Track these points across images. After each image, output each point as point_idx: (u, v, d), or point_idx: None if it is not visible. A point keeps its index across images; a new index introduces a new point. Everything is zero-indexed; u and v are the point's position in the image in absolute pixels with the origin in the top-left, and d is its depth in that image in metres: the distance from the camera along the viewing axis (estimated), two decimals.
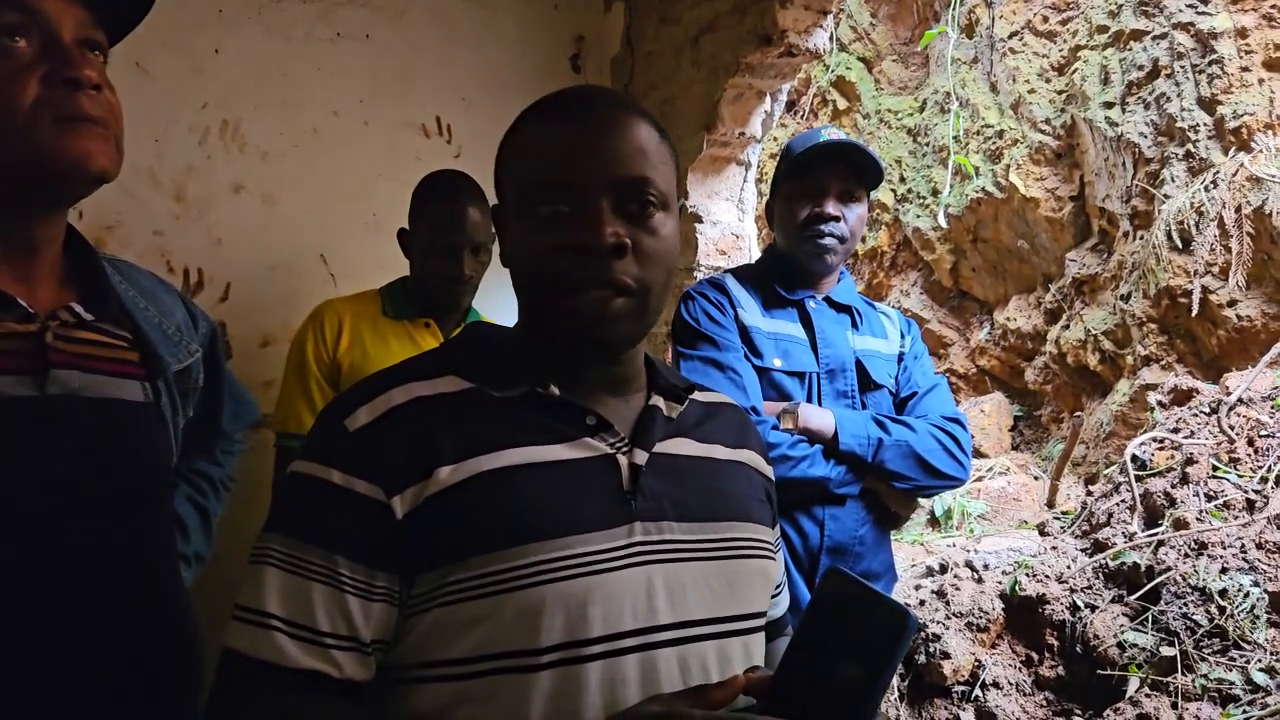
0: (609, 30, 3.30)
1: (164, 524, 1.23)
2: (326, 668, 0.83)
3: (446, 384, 0.93)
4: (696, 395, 1.07)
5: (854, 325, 1.98)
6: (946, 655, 2.52)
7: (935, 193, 4.45)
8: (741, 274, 2.06)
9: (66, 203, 1.12)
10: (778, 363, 1.89)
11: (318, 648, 0.84)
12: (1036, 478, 3.82)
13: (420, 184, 2.19)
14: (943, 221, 3.81)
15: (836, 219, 1.87)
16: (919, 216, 4.70)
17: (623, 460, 0.93)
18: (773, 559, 1.04)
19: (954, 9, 3.55)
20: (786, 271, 1.97)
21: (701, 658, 0.90)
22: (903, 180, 4.82)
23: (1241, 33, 3.37)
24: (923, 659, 2.57)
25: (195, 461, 1.49)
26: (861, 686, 0.75)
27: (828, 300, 1.98)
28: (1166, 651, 2.17)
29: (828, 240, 1.89)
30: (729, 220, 3.05)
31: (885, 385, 1.95)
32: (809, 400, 1.90)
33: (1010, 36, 4.23)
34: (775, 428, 1.82)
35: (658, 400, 1.00)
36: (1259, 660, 2.04)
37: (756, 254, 3.01)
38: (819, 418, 1.84)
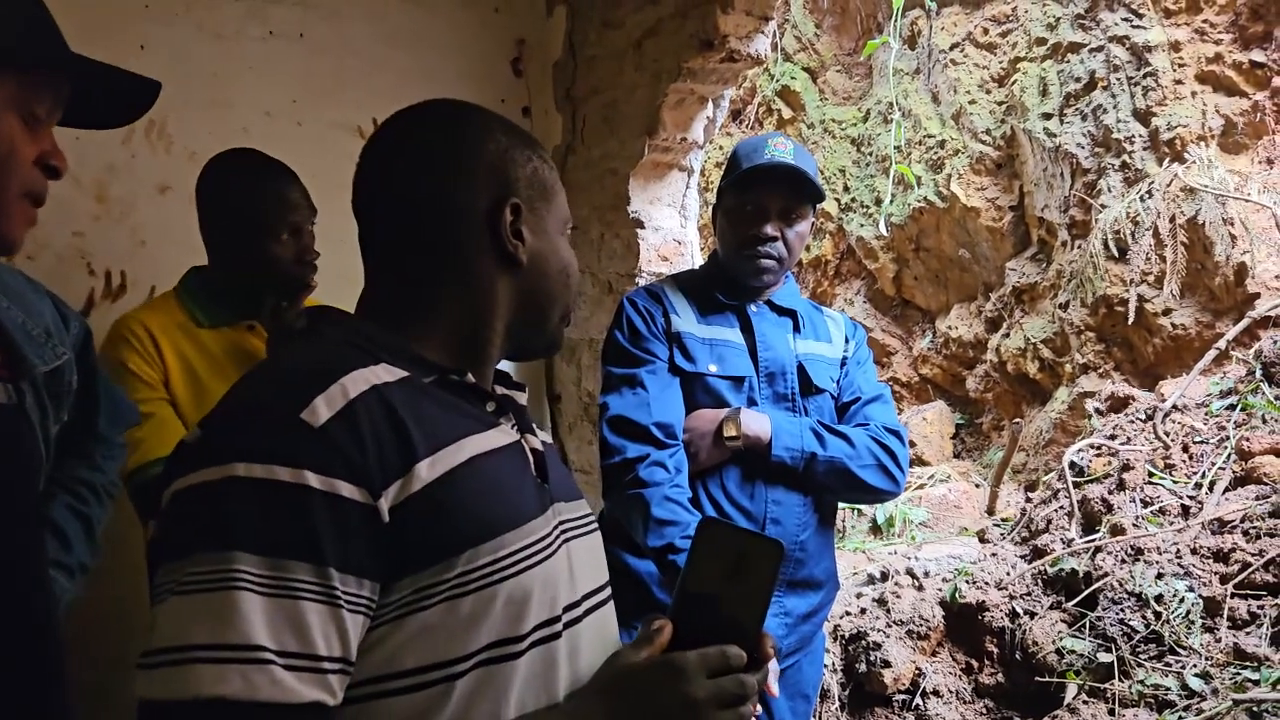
0: (551, 34, 3.26)
1: (34, 529, 1.17)
2: (326, 696, 0.76)
3: (385, 372, 0.87)
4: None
5: (796, 329, 1.97)
6: (887, 664, 2.51)
7: (879, 202, 4.48)
8: (681, 280, 2.05)
9: None
10: (713, 368, 1.88)
11: (318, 675, 0.76)
12: (978, 485, 3.84)
13: (224, 164, 1.96)
14: (884, 230, 3.82)
15: (775, 239, 1.87)
16: (862, 226, 4.72)
17: (525, 445, 0.98)
18: None
19: (896, 20, 3.57)
20: (728, 280, 1.96)
21: (604, 624, 0.99)
22: (846, 190, 4.84)
23: (1175, 46, 3.43)
24: (863, 668, 2.55)
25: (75, 469, 1.43)
26: (749, 615, 0.88)
27: (769, 304, 1.97)
28: (1104, 658, 2.18)
29: (765, 262, 1.89)
30: (671, 226, 3.02)
31: (827, 389, 1.95)
32: (749, 405, 1.89)
33: (951, 48, 4.27)
34: (725, 436, 1.81)
35: (501, 388, 1.05)
36: (1194, 665, 2.05)
37: (699, 260, 2.99)
38: (757, 423, 1.83)
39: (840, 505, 2.21)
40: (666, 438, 1.82)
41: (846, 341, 2.02)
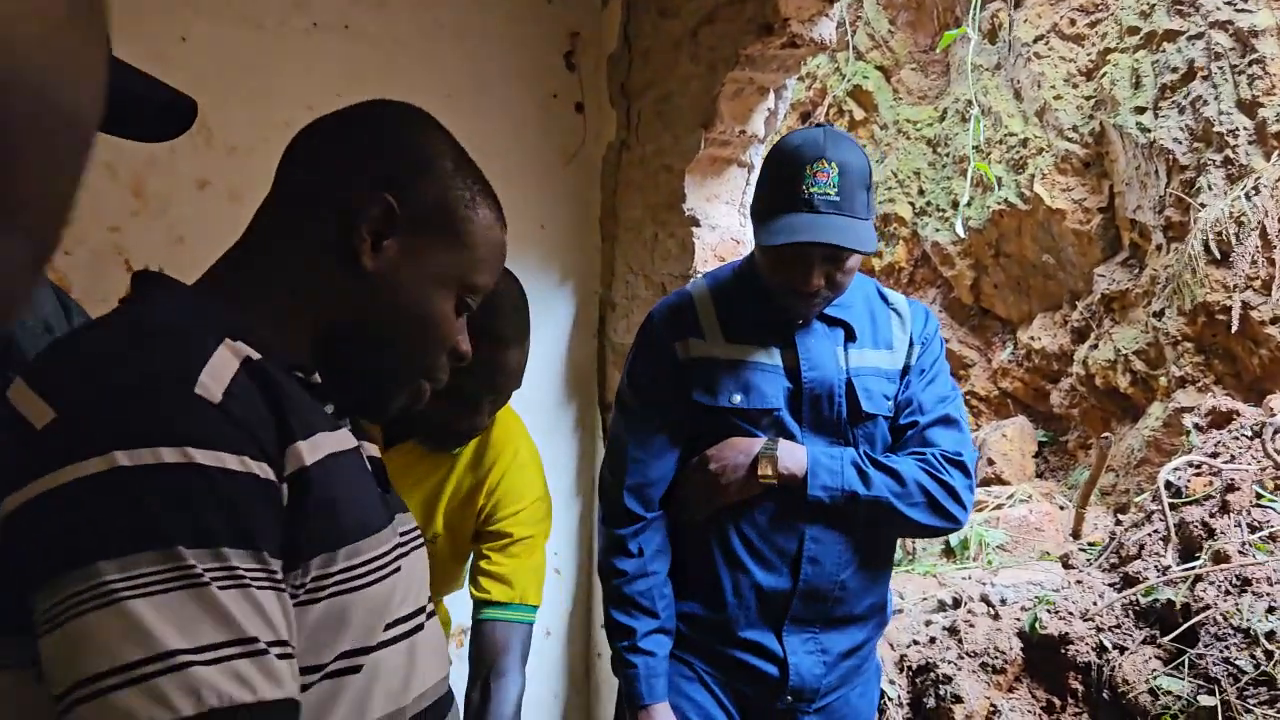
0: (606, 26, 3.13)
1: None
2: (296, 689, 0.71)
3: (247, 351, 0.79)
4: None
5: (849, 338, 1.73)
6: (958, 699, 2.29)
7: (955, 205, 4.23)
8: (719, 283, 1.81)
9: None
10: (737, 399, 1.67)
11: (290, 662, 0.71)
12: (1062, 508, 3.57)
13: None
14: (960, 231, 3.58)
15: (820, 286, 1.61)
16: (938, 230, 4.48)
17: (363, 452, 0.93)
18: None
19: (975, 12, 3.35)
20: (767, 295, 1.71)
21: (439, 634, 0.97)
22: (921, 193, 4.61)
23: None
24: (932, 702, 2.33)
25: None
26: None
27: (818, 315, 1.72)
28: (1205, 700, 1.93)
29: (811, 307, 1.67)
30: (729, 224, 2.85)
31: (879, 413, 1.70)
32: (782, 434, 1.69)
33: (1035, 41, 4.02)
34: (759, 475, 1.63)
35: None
36: None
37: None
38: (793, 460, 1.63)
39: None
40: (641, 507, 1.69)
41: (910, 345, 1.75)
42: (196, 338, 0.76)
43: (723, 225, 2.83)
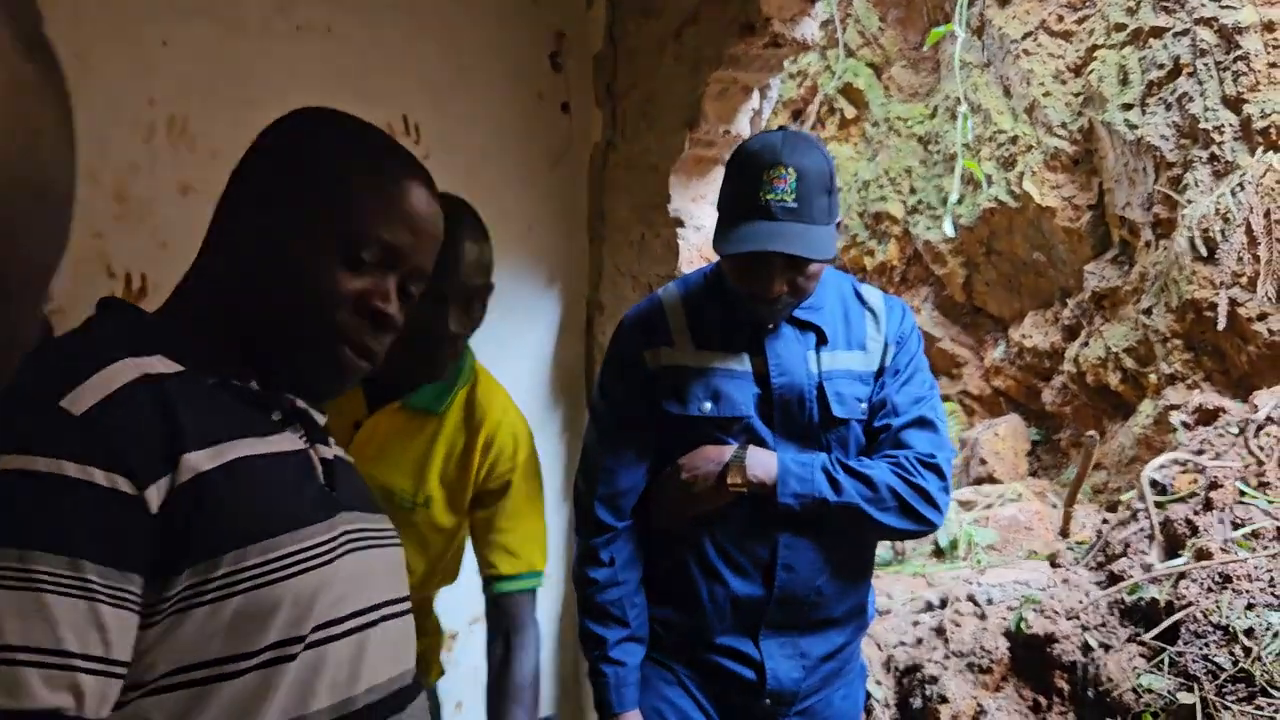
0: (591, 26, 3.13)
1: None
2: (67, 701, 0.71)
3: (159, 364, 0.85)
4: None
5: (821, 341, 1.71)
6: (944, 699, 2.29)
7: (946, 203, 4.23)
8: (689, 289, 1.80)
9: None
10: (707, 407, 1.66)
11: (64, 673, 0.71)
12: (1054, 506, 3.56)
13: None
14: (949, 230, 3.57)
15: (783, 293, 1.59)
16: (929, 229, 4.47)
17: (314, 454, 0.97)
18: None
19: (961, 9, 3.34)
20: (734, 301, 1.69)
21: (402, 632, 0.99)
22: (913, 191, 4.60)
23: (1269, 26, 3.14)
24: (919, 702, 2.33)
25: None
26: None
27: (788, 318, 1.71)
28: (1185, 698, 1.93)
29: (776, 315, 1.66)
30: (714, 225, 2.85)
31: (852, 417, 1.69)
32: (753, 442, 1.69)
33: (1023, 38, 4.01)
34: (728, 483, 1.63)
35: (300, 403, 1.02)
36: None
37: None
38: (763, 468, 1.62)
39: None
40: (613, 517, 1.70)
41: (886, 346, 1.73)
42: (90, 355, 0.81)
43: (707, 226, 2.83)
